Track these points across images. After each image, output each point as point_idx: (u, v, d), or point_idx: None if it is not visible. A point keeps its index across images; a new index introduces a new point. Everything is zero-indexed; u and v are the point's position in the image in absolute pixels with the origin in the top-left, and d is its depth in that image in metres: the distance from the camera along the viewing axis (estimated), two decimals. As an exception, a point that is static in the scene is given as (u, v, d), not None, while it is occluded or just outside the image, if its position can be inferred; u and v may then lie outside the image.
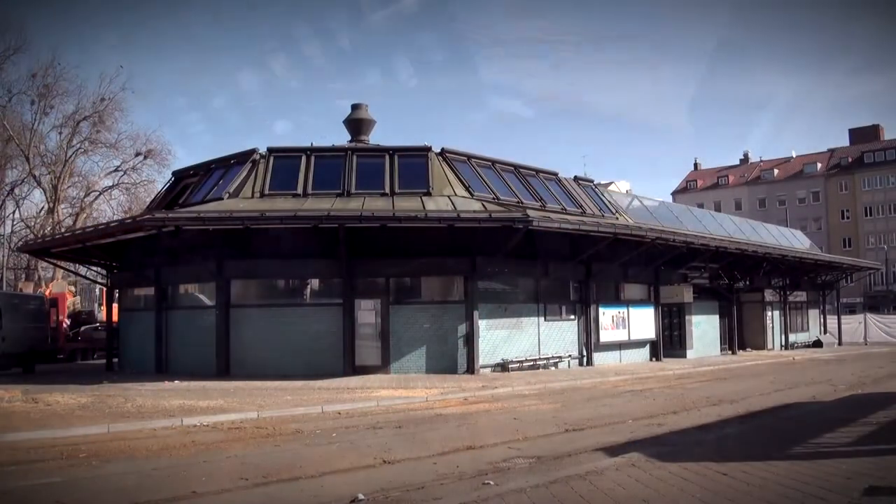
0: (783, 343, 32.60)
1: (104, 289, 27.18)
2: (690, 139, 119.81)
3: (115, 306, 24.02)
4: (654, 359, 24.07)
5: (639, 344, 23.92)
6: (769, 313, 31.79)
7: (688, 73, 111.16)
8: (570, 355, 21.47)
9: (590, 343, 21.93)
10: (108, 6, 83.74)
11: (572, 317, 21.90)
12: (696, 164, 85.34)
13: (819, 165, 74.21)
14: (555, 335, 21.11)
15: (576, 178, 25.25)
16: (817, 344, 34.54)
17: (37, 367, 22.36)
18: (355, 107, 24.47)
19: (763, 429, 9.90)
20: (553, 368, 20.73)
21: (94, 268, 30.04)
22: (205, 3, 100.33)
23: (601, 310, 22.42)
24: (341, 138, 24.48)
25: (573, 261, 21.17)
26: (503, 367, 19.35)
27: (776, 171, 77.15)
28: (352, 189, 19.25)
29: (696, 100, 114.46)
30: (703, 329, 27.23)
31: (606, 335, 22.43)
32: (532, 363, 20.11)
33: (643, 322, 23.91)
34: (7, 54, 38.67)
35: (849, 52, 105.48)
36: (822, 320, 38.27)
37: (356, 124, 24.17)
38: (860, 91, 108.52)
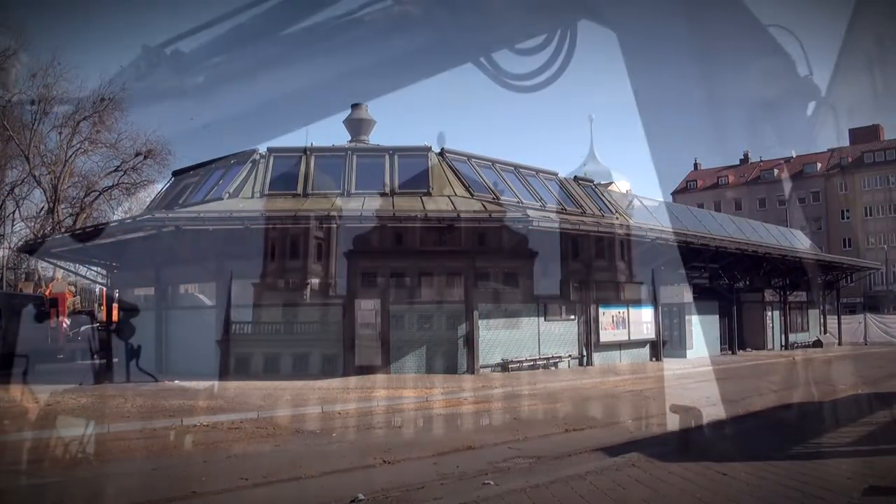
0: (783, 343, 32.53)
1: (104, 289, 27.16)
2: (690, 139, 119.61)
3: (114, 306, 23.97)
4: (653, 359, 24.04)
5: (639, 344, 23.88)
6: (769, 313, 31.74)
7: (688, 73, 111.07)
8: (569, 355, 21.45)
9: (590, 343, 21.91)
10: (108, 6, 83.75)
11: (572, 317, 21.87)
12: (696, 164, 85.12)
13: (819, 165, 74.17)
14: (555, 335, 21.09)
15: (576, 178, 25.24)
16: (817, 344, 34.48)
17: (37, 367, 22.33)
18: (355, 107, 24.35)
19: (763, 429, 9.91)
20: (553, 368, 20.71)
21: (94, 268, 30.00)
22: (204, 3, 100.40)
23: (601, 310, 22.38)
24: (341, 138, 24.50)
25: (573, 261, 21.14)
26: (503, 367, 19.34)
27: (776, 171, 77.08)
28: (352, 189, 19.24)
29: (695, 100, 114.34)
30: (703, 329, 27.14)
31: (606, 335, 22.41)
32: (532, 363, 20.09)
33: (643, 322, 23.87)
34: (7, 54, 38.62)
35: (849, 52, 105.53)
36: (822, 320, 38.18)
37: (356, 124, 24.14)
38: (860, 91, 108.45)
